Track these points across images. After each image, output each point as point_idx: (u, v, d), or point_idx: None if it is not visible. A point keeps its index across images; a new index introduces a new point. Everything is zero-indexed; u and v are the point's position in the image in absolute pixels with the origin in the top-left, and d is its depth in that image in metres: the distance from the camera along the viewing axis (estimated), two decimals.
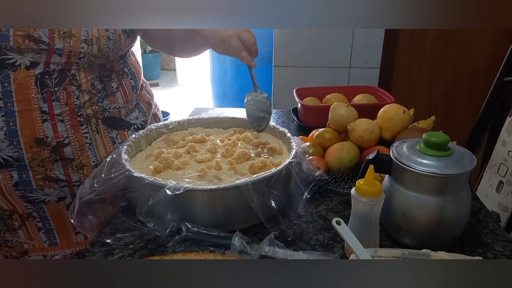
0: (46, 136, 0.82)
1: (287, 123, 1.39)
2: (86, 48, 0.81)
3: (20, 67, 0.78)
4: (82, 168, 0.88)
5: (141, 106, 1.04)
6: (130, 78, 0.98)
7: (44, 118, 0.82)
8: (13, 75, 0.78)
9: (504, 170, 1.27)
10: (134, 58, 1.05)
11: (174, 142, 0.95)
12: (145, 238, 0.75)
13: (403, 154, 0.70)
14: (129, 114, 0.98)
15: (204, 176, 0.78)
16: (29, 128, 0.81)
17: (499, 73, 1.48)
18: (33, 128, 0.81)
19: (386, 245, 0.73)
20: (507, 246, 0.73)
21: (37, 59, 0.79)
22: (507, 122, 1.30)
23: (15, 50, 0.77)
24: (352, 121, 0.98)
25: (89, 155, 0.88)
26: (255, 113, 0.96)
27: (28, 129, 0.80)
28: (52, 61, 0.80)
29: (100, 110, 0.89)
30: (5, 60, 0.77)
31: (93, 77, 0.87)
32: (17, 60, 0.78)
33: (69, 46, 0.79)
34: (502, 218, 1.25)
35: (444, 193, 0.67)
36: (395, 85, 2.16)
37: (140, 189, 0.74)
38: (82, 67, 0.84)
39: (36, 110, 0.81)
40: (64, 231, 0.93)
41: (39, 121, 0.81)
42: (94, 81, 0.88)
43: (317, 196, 0.89)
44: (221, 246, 0.70)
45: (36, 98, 0.80)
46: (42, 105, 0.81)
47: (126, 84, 0.96)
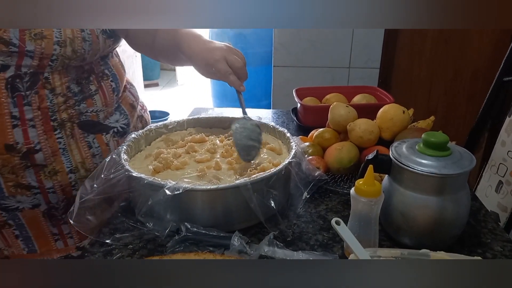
0: (16, 142, 0.79)
1: (286, 123, 1.39)
2: (59, 50, 0.78)
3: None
4: (55, 174, 0.85)
5: (123, 109, 1.00)
6: (110, 80, 0.94)
7: (14, 123, 0.79)
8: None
9: (503, 170, 1.27)
10: (118, 59, 1.02)
11: (173, 142, 0.95)
12: (144, 238, 0.75)
13: (402, 154, 0.70)
14: (109, 117, 0.94)
15: (204, 176, 0.78)
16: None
17: (499, 73, 1.48)
18: (2, 134, 0.78)
19: (386, 245, 0.74)
20: (506, 246, 0.73)
21: (7, 62, 0.76)
22: (506, 122, 1.30)
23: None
24: (352, 121, 0.99)
25: (62, 161, 0.85)
26: (243, 142, 0.87)
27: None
28: (23, 64, 0.77)
29: (76, 114, 0.86)
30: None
31: (68, 80, 0.84)
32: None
33: (41, 48, 0.76)
34: (502, 218, 1.25)
35: (443, 193, 0.67)
36: (395, 85, 2.16)
37: (140, 189, 0.74)
38: (56, 70, 0.81)
39: (6, 116, 0.78)
40: (42, 238, 0.91)
41: (9, 127, 0.79)
42: (70, 83, 0.84)
43: (316, 196, 0.89)
44: (221, 246, 0.70)
45: (6, 103, 0.77)
46: (12, 110, 0.78)
47: (106, 86, 0.92)
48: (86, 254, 0.72)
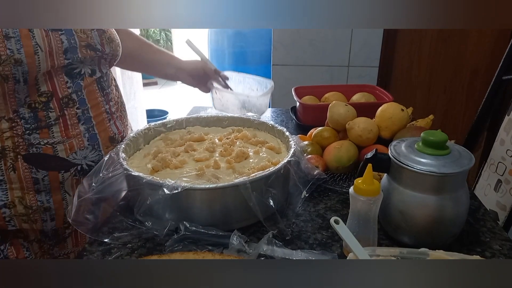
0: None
1: (285, 122, 1.39)
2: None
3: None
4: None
5: (98, 144, 0.87)
6: (77, 107, 0.82)
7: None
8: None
9: (502, 169, 1.27)
10: (96, 86, 0.87)
11: (172, 141, 0.94)
12: (143, 237, 0.74)
13: (401, 153, 0.70)
14: (75, 152, 0.83)
15: (202, 175, 0.78)
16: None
17: (498, 71, 1.48)
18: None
19: (384, 244, 0.74)
20: (505, 244, 0.73)
21: None
22: (505, 121, 1.30)
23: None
24: (351, 119, 0.98)
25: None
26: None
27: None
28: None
29: (23, 145, 0.77)
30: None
31: (17, 102, 0.75)
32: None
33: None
34: (500, 217, 1.25)
35: (442, 192, 0.67)
36: (394, 84, 2.16)
37: (138, 188, 0.74)
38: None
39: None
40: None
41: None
42: (19, 107, 0.75)
43: (315, 195, 0.89)
44: (219, 245, 0.70)
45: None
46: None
47: (70, 115, 0.81)
48: (84, 254, 0.72)
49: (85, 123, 0.83)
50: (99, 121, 0.87)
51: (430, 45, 2.07)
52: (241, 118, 1.03)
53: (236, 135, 0.96)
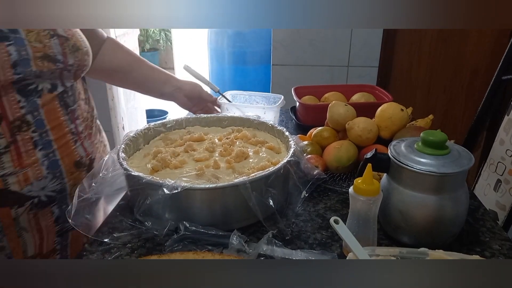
0: None
1: (285, 122, 1.39)
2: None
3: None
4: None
5: (60, 171, 0.77)
6: (32, 130, 0.71)
7: None
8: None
9: (502, 169, 1.27)
10: (58, 103, 0.76)
11: (172, 141, 0.94)
12: (143, 237, 0.74)
13: (401, 153, 0.70)
14: (28, 184, 0.72)
15: (202, 175, 0.78)
16: None
17: (497, 71, 1.48)
18: None
19: (384, 244, 0.74)
20: (504, 244, 0.73)
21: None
22: (505, 121, 1.30)
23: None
24: (350, 119, 0.99)
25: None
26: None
27: None
28: None
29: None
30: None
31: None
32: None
33: None
34: (500, 217, 1.25)
35: (442, 192, 0.67)
36: (393, 84, 2.16)
37: (138, 188, 0.74)
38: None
39: None
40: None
41: None
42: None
43: (315, 195, 0.89)
44: (219, 245, 0.70)
45: None
46: None
47: (24, 140, 0.71)
48: (84, 253, 0.72)
49: (43, 148, 0.72)
50: (62, 145, 0.76)
51: (430, 45, 2.07)
52: (241, 118, 1.03)
53: (236, 135, 0.96)
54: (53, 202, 0.78)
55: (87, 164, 0.82)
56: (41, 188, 0.74)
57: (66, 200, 0.80)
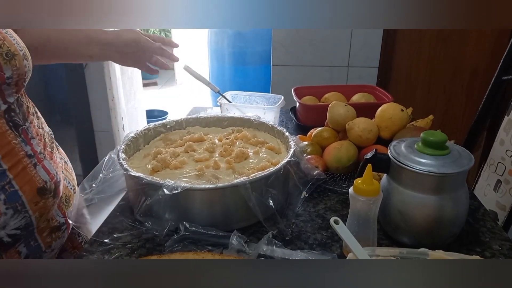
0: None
1: (285, 122, 1.39)
2: None
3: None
4: None
5: (22, 203, 0.65)
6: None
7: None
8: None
9: (502, 169, 1.27)
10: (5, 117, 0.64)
11: (172, 141, 0.94)
12: (143, 238, 0.74)
13: (401, 153, 0.70)
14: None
15: (202, 175, 0.78)
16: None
17: (497, 72, 1.48)
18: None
19: (384, 244, 0.74)
20: (504, 244, 0.73)
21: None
22: (505, 121, 1.30)
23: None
24: (350, 120, 0.99)
25: None
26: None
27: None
28: None
29: None
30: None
31: None
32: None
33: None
34: (500, 217, 1.25)
35: (442, 192, 0.67)
36: (394, 84, 2.16)
37: (138, 188, 0.74)
38: None
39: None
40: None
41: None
42: None
43: (315, 195, 0.89)
44: (219, 245, 0.70)
45: None
46: None
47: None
48: (84, 254, 0.72)
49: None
50: (19, 172, 0.64)
51: (430, 45, 2.07)
52: (241, 118, 1.03)
53: (236, 135, 0.96)
54: (18, 241, 0.67)
55: (52, 189, 0.71)
56: (2, 227, 0.63)
57: (34, 235, 0.69)
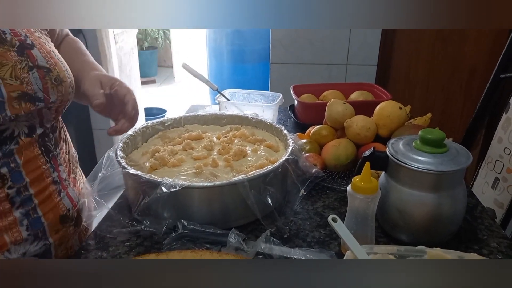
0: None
1: (284, 120, 1.39)
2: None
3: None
4: None
5: (44, 230, 0.66)
6: (8, 186, 0.61)
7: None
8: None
9: (500, 167, 1.27)
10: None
11: (170, 139, 0.94)
12: (141, 235, 0.74)
13: (399, 151, 0.70)
14: (4, 251, 0.62)
15: (200, 173, 0.78)
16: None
17: (496, 70, 1.48)
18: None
19: (382, 242, 0.74)
20: (502, 242, 0.73)
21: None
22: (503, 119, 1.30)
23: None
24: (349, 118, 0.98)
25: None
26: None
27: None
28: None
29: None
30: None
31: None
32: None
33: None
34: (498, 215, 1.26)
35: (440, 190, 0.67)
36: (392, 82, 2.16)
37: (136, 186, 0.74)
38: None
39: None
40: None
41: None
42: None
43: (313, 193, 0.89)
44: (217, 243, 0.70)
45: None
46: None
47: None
48: (82, 252, 0.72)
49: (22, 205, 0.61)
50: (44, 198, 0.64)
51: (429, 44, 2.07)
52: (239, 116, 1.03)
53: (234, 133, 0.96)
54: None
55: (74, 218, 0.71)
56: (22, 253, 0.63)
57: None
